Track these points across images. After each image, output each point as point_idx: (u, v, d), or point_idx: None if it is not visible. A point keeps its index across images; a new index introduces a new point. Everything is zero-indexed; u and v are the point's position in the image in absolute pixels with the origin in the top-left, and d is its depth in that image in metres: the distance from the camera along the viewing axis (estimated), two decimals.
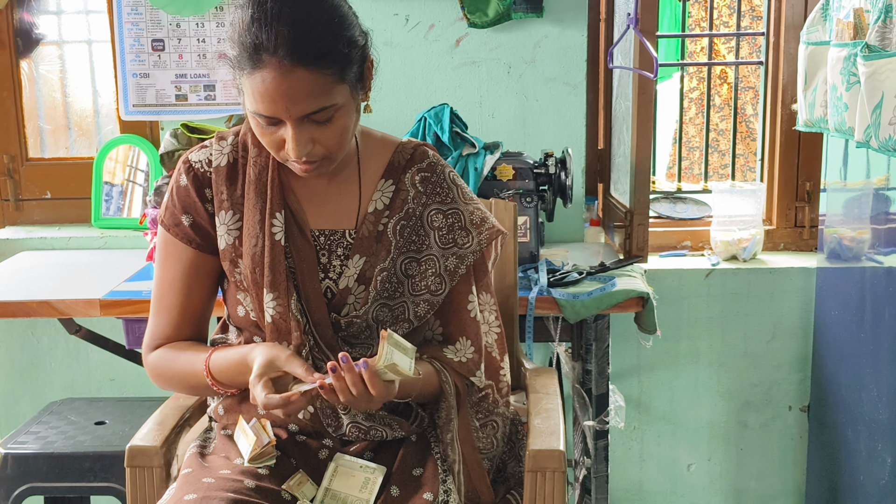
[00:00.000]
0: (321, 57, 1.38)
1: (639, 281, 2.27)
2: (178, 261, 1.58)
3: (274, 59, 1.37)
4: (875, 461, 2.22)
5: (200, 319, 1.62)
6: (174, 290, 1.59)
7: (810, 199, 2.77)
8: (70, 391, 2.81)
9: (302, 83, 1.38)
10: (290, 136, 1.42)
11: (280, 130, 1.43)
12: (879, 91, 1.94)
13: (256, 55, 1.37)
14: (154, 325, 1.61)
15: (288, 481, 1.49)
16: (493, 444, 1.64)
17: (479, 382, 1.60)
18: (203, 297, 1.61)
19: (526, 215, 2.36)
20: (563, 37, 2.65)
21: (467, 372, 1.59)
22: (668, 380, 2.77)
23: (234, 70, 1.43)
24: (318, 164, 1.47)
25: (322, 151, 1.45)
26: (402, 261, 1.57)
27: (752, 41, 4.20)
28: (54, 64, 2.89)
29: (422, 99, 2.66)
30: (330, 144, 1.45)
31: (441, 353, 1.59)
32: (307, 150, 1.43)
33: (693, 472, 2.83)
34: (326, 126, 1.43)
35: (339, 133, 1.45)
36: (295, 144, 1.42)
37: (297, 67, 1.37)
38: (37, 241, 2.75)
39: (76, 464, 2.06)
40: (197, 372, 1.54)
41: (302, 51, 1.37)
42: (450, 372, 1.57)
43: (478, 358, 1.60)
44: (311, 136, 1.43)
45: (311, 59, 1.37)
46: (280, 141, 1.44)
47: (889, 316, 2.13)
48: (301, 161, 1.45)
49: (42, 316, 2.23)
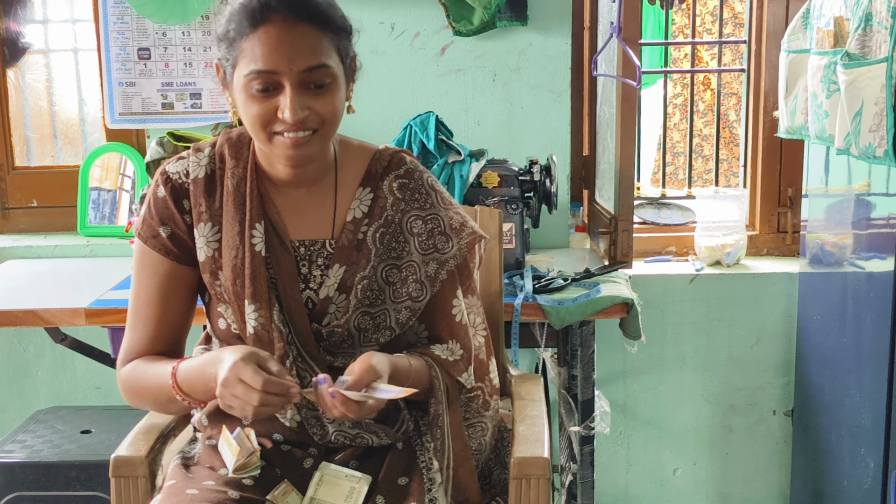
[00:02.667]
0: (323, 17, 1.46)
1: (623, 287, 2.28)
2: (156, 273, 1.57)
3: (279, 15, 1.43)
4: (858, 465, 2.24)
5: (177, 332, 1.60)
6: (150, 302, 1.57)
7: (792, 204, 2.79)
8: (56, 400, 2.80)
9: (305, 37, 1.44)
10: (287, 97, 1.43)
11: (274, 98, 1.44)
12: (859, 99, 1.96)
13: (261, 13, 1.43)
14: (129, 339, 1.59)
15: (273, 491, 1.49)
16: (481, 446, 1.65)
17: (467, 382, 1.61)
18: (180, 310, 1.59)
19: (511, 222, 2.37)
20: (547, 45, 2.66)
21: (456, 371, 1.59)
22: (653, 385, 2.78)
23: (228, 46, 1.46)
24: (308, 141, 1.47)
25: (315, 121, 1.46)
26: (383, 268, 1.58)
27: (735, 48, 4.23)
28: (41, 72, 2.89)
29: (407, 107, 2.67)
30: (324, 113, 1.46)
31: (430, 350, 1.60)
32: (303, 116, 1.44)
33: (679, 477, 2.84)
34: (322, 94, 1.46)
35: (332, 104, 1.47)
36: (292, 106, 1.43)
37: (301, 22, 1.44)
38: (23, 249, 2.75)
39: (62, 472, 2.06)
40: (164, 383, 1.50)
41: (305, 7, 1.44)
42: (440, 368, 1.58)
43: (467, 359, 1.61)
44: (306, 103, 1.45)
45: (315, 16, 1.45)
46: (272, 111, 1.45)
47: (871, 320, 2.15)
48: (294, 127, 1.45)
49: (28, 325, 2.23)
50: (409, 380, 1.51)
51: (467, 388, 1.62)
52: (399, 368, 1.50)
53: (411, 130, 2.46)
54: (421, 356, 1.57)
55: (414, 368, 1.54)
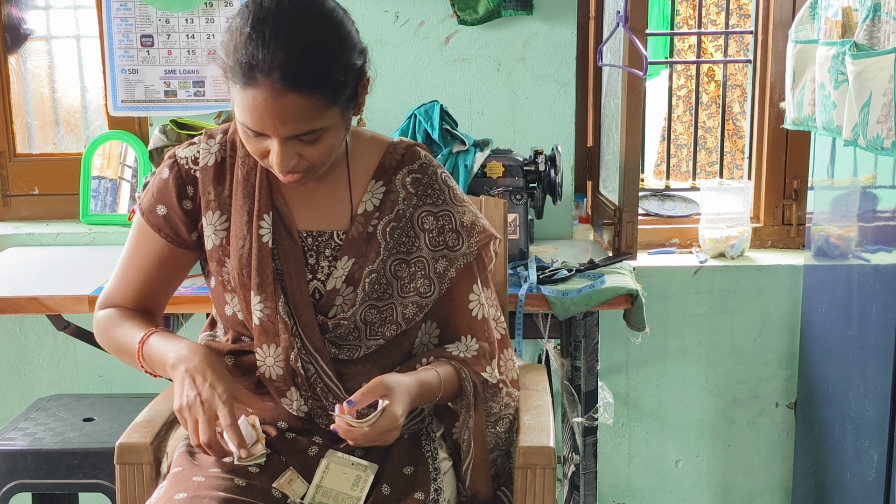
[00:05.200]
0: (314, 83, 1.37)
1: (627, 278, 2.27)
2: (147, 245, 1.60)
3: (267, 81, 1.35)
4: (862, 458, 2.24)
5: (155, 301, 1.64)
6: (136, 269, 1.61)
7: (798, 196, 2.78)
8: (58, 388, 2.80)
9: (292, 107, 1.37)
10: (275, 151, 1.42)
11: (266, 142, 1.43)
12: (867, 90, 1.95)
13: (250, 73, 1.36)
14: (111, 288, 1.63)
15: (278, 479, 1.49)
16: (505, 441, 1.65)
17: (492, 378, 1.60)
18: (161, 284, 1.62)
19: (515, 212, 2.36)
20: (552, 34, 2.65)
21: (480, 367, 1.58)
22: (656, 376, 2.78)
23: (226, 77, 1.43)
24: (303, 176, 1.47)
25: (306, 165, 1.45)
26: (392, 262, 1.57)
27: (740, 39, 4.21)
28: (42, 59, 2.88)
29: (412, 96, 2.66)
30: (315, 161, 1.45)
31: (447, 352, 1.59)
32: (291, 165, 1.43)
33: (681, 469, 2.84)
34: (313, 145, 1.43)
35: (324, 151, 1.45)
36: (279, 160, 1.42)
37: (289, 91, 1.36)
38: (24, 237, 2.74)
39: (64, 460, 2.05)
40: (131, 346, 1.55)
41: (296, 76, 1.35)
42: (468, 369, 1.57)
43: (489, 353, 1.60)
44: (296, 152, 1.43)
45: (305, 85, 1.36)
46: (265, 150, 1.44)
47: (876, 313, 2.15)
48: (285, 174, 1.45)
49: (30, 312, 2.22)
50: (439, 391, 1.52)
51: (497, 389, 1.61)
52: (427, 383, 1.50)
53: (415, 120, 2.45)
54: (447, 362, 1.56)
55: (444, 378, 1.53)
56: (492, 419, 1.63)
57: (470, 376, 1.56)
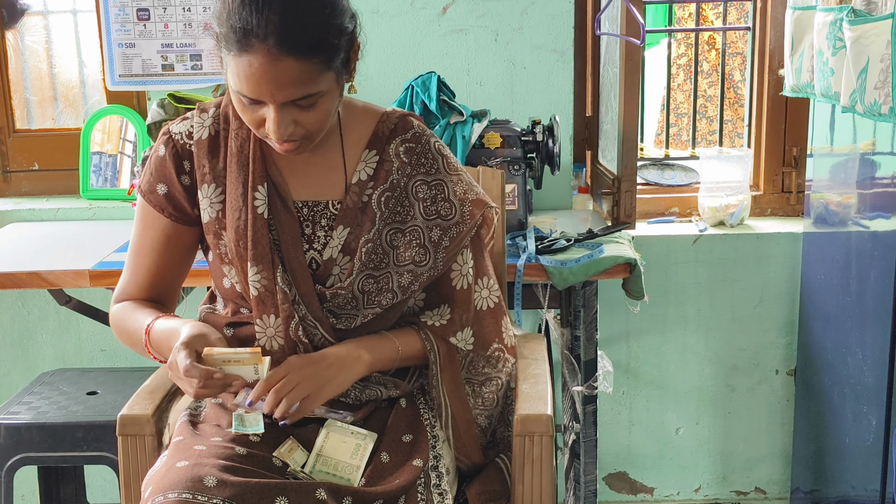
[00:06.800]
0: (310, 47, 1.38)
1: (626, 247, 2.28)
2: (152, 227, 1.61)
3: (262, 46, 1.36)
4: (860, 423, 2.25)
5: (169, 285, 1.65)
6: (146, 253, 1.62)
7: (797, 164, 2.78)
8: (61, 362, 2.82)
9: (289, 71, 1.37)
10: (271, 118, 1.42)
11: (261, 110, 1.43)
12: (865, 56, 1.95)
13: (245, 39, 1.37)
14: (124, 280, 1.65)
15: (279, 448, 1.50)
16: (494, 401, 1.67)
17: (462, 344, 1.62)
18: (173, 265, 1.63)
19: (514, 183, 2.36)
20: (550, 3, 2.64)
21: (446, 334, 1.61)
22: (656, 345, 2.79)
23: (220, 46, 1.43)
24: (299, 144, 1.48)
25: (302, 132, 1.46)
26: (388, 232, 1.58)
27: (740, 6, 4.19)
28: (40, 35, 2.87)
29: (409, 67, 2.65)
30: (311, 127, 1.46)
31: (418, 319, 1.63)
32: (288, 132, 1.44)
33: (681, 436, 2.86)
34: (309, 110, 1.44)
35: (321, 117, 1.46)
36: (276, 126, 1.42)
37: (285, 56, 1.36)
38: (25, 212, 2.75)
39: (69, 433, 2.08)
40: (140, 335, 1.56)
41: (291, 40, 1.36)
42: (431, 334, 1.60)
43: (457, 322, 1.62)
44: (292, 119, 1.43)
45: (300, 48, 1.37)
46: (260, 119, 1.45)
47: (874, 280, 2.15)
48: (281, 141, 1.45)
49: (32, 287, 2.23)
50: (397, 359, 1.57)
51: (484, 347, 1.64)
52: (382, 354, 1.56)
53: (413, 91, 2.44)
54: (410, 325, 1.61)
55: (402, 344, 1.58)
56: (476, 382, 1.65)
57: (433, 340, 1.59)
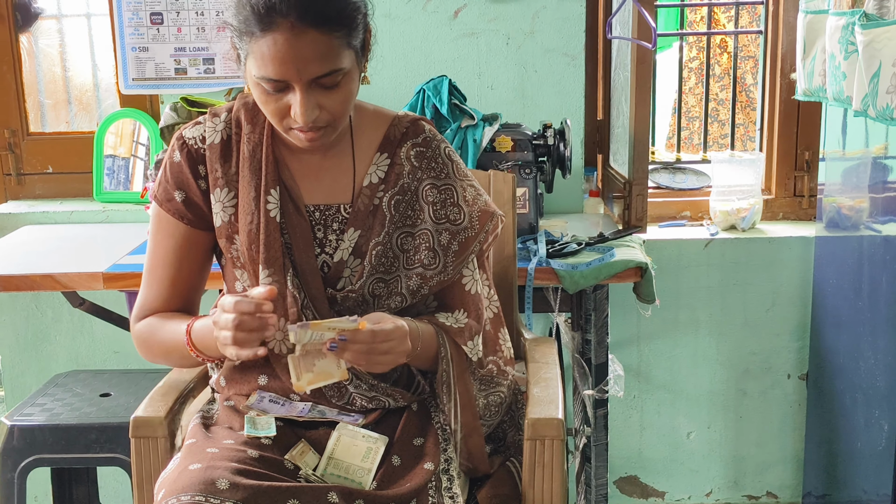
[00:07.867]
0: (332, 19, 1.40)
1: (637, 251, 2.28)
2: (170, 236, 1.60)
3: (286, 22, 1.38)
4: (872, 428, 2.24)
5: (191, 293, 1.64)
6: (165, 263, 1.61)
7: (809, 168, 2.77)
8: (75, 364, 2.83)
9: (313, 45, 1.39)
10: (297, 101, 1.43)
11: (286, 97, 1.44)
12: (877, 60, 1.94)
13: (268, 17, 1.38)
14: (144, 296, 1.64)
15: (290, 451, 1.51)
16: (498, 414, 1.66)
17: (473, 353, 1.61)
18: (194, 272, 1.63)
19: (525, 186, 2.36)
20: (561, 7, 2.64)
21: (461, 339, 1.60)
22: (667, 349, 2.79)
23: (238, 37, 1.44)
24: (322, 133, 1.48)
25: (327, 117, 1.46)
26: (398, 235, 1.58)
27: (752, 10, 4.18)
28: (53, 38, 2.89)
29: (420, 71, 2.66)
30: (336, 110, 1.46)
31: (435, 318, 1.61)
32: (314, 116, 1.44)
33: (693, 440, 2.85)
34: (333, 91, 1.44)
35: (344, 99, 1.46)
36: (303, 109, 1.43)
37: (308, 29, 1.38)
38: (39, 215, 2.77)
39: (82, 435, 2.08)
40: (178, 339, 1.55)
41: (314, 12, 1.38)
42: (446, 336, 1.59)
43: (474, 328, 1.62)
44: (317, 102, 1.44)
45: (323, 20, 1.39)
46: (285, 108, 1.45)
47: (886, 284, 2.15)
48: (307, 128, 1.46)
49: (46, 289, 2.24)
50: (419, 341, 1.53)
51: (480, 364, 1.63)
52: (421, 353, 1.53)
53: (424, 95, 2.45)
54: (428, 323, 1.59)
55: (423, 331, 1.55)
56: (483, 391, 1.64)
57: (447, 342, 1.58)
